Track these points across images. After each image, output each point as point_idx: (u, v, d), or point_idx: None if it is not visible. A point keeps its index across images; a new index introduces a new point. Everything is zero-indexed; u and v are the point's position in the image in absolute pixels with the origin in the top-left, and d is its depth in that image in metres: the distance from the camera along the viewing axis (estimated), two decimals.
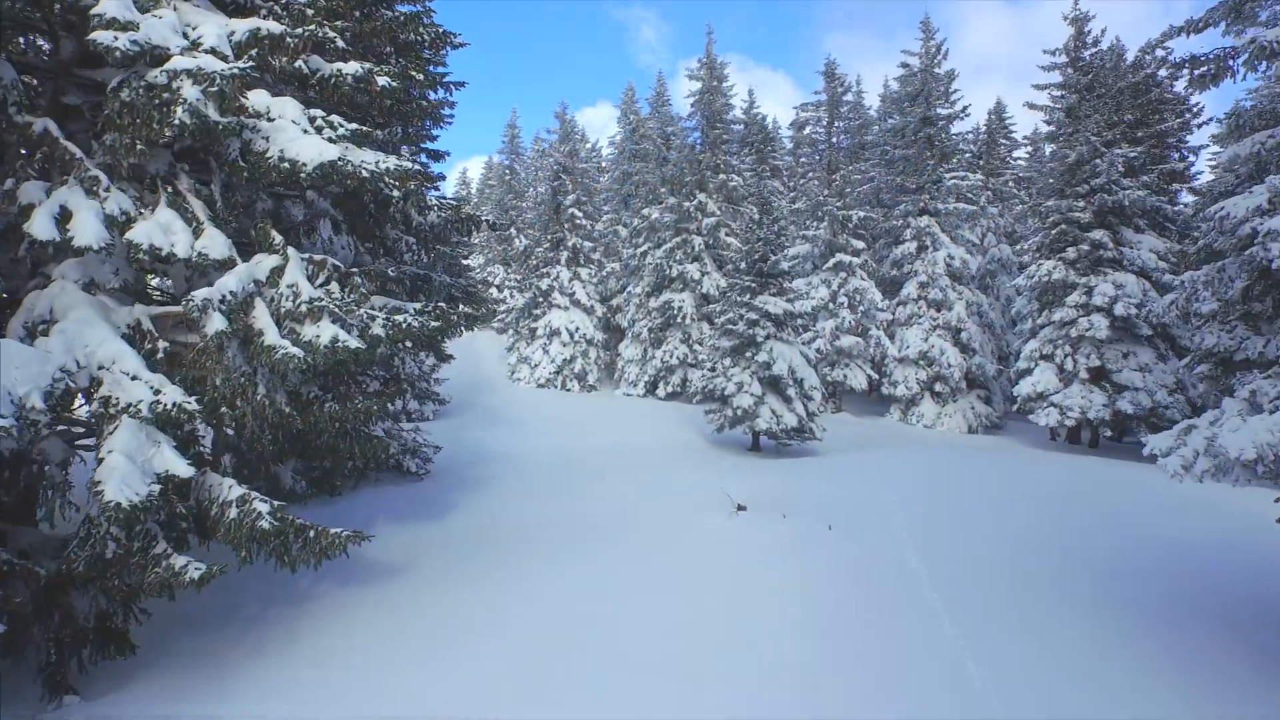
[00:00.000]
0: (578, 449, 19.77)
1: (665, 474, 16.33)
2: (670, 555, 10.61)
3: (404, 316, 9.43)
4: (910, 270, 31.37)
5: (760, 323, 20.10)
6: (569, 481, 15.42)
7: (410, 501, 13.24)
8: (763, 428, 19.60)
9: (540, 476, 15.83)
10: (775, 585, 9.45)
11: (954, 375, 29.25)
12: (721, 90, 34.68)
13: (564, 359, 34.95)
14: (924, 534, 11.82)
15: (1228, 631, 8.62)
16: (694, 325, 32.62)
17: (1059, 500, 14.66)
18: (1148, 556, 11.26)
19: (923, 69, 32.38)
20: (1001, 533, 12.15)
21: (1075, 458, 22.19)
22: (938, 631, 8.28)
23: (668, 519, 12.22)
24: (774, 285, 20.86)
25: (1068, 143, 25.37)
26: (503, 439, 20.79)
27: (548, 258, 36.73)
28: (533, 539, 11.37)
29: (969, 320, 30.00)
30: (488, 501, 13.22)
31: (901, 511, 12.78)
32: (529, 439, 21.12)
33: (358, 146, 9.17)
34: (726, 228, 33.57)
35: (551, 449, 19.53)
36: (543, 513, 12.80)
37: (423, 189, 10.94)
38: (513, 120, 52.18)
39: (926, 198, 31.30)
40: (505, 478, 15.47)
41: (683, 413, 27.69)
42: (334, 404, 9.27)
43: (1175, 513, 13.97)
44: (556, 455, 18.66)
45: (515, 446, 19.62)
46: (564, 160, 37.05)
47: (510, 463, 17.23)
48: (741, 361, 20.52)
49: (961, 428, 29.47)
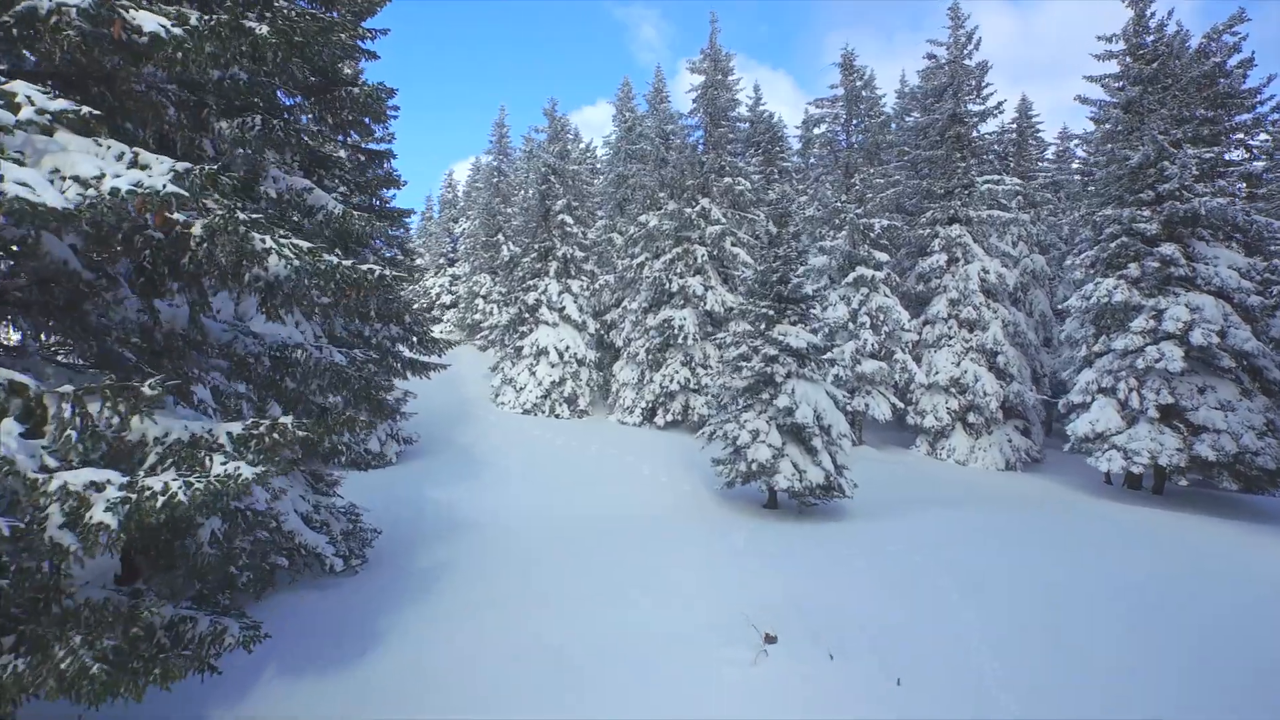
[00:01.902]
0: (560, 512, 16.43)
1: (666, 557, 12.99)
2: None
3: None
4: (939, 285, 28.08)
5: (780, 359, 16.77)
6: (543, 576, 12.08)
7: (324, 625, 9.90)
8: (783, 486, 16.28)
9: (507, 567, 12.49)
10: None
11: (990, 405, 25.97)
12: (727, 84, 31.36)
13: (552, 381, 31.62)
14: (1034, 693, 8.51)
15: None
16: (696, 346, 29.29)
17: (1229, 621, 11.08)
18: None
19: (951, 60, 29.07)
20: (1157, 688, 8.84)
21: (1162, 514, 18.86)
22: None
23: (671, 662, 8.89)
24: (794, 312, 17.53)
25: (1127, 142, 22.07)
26: (472, 497, 17.44)
27: (535, 268, 33.39)
28: (477, 700, 8.06)
29: (1006, 342, 26.71)
30: (429, 626, 9.88)
31: (989, 650, 9.43)
32: (503, 495, 17.76)
33: None
34: (733, 237, 30.25)
35: (528, 512, 16.18)
36: (500, 643, 9.46)
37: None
38: (501, 118, 48.80)
39: (957, 204, 27.99)
40: (461, 572, 12.12)
41: (685, 448, 24.35)
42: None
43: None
44: (533, 524, 15.31)
45: (485, 509, 16.26)
46: (553, 161, 33.70)
47: (473, 541, 13.87)
48: (757, 404, 17.19)
49: (998, 463, 26.18)
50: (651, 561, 12.69)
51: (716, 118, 31.24)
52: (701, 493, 18.76)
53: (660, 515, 16.43)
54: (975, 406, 26.67)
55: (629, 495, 18.10)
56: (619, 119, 39.80)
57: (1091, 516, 18.04)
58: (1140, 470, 19.85)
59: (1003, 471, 25.98)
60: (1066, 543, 14.99)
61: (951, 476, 24.31)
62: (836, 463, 16.99)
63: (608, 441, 25.35)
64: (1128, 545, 15.06)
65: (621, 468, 21.02)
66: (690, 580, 11.82)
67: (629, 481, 19.56)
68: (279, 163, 11.09)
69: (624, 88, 40.60)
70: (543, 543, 13.77)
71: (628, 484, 19.33)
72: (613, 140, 40.67)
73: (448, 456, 22.04)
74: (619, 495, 18.11)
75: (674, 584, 11.64)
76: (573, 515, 16.17)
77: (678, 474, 20.73)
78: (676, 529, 15.34)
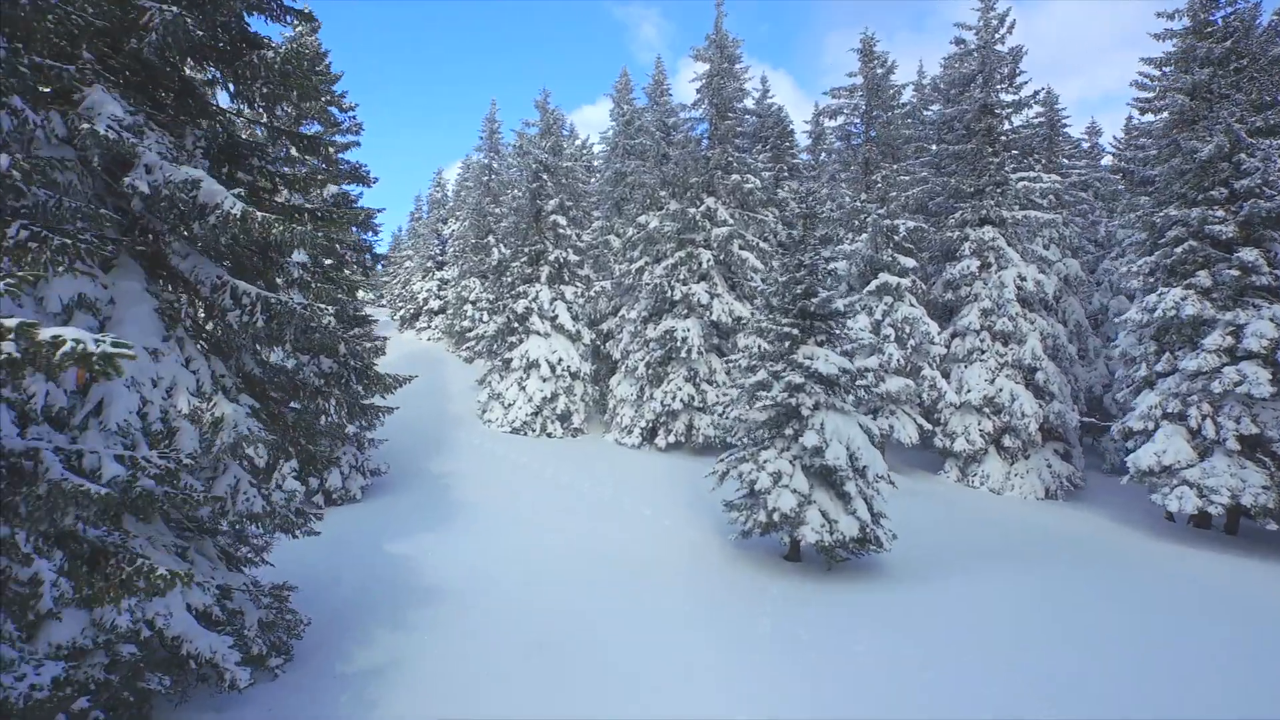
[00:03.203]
0: (542, 568, 13.72)
1: (668, 658, 10.29)
2: None
3: None
4: (969, 293, 25.40)
5: (806, 387, 14.08)
6: (510, 694, 9.38)
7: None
8: (810, 540, 13.59)
9: (464, 667, 9.80)
10: None
11: (1028, 427, 23.30)
12: (734, 73, 28.68)
13: (544, 397, 28.94)
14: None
15: None
16: (701, 360, 26.60)
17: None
18: None
19: (981, 46, 26.39)
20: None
21: (1257, 567, 16.22)
22: None
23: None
24: (822, 330, 14.86)
25: (1193, 132, 19.41)
26: (439, 548, 14.75)
27: (525, 274, 30.71)
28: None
29: (1045, 357, 24.04)
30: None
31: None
32: (476, 544, 15.06)
33: None
34: (741, 239, 27.57)
35: (503, 575, 13.46)
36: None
37: None
38: (492, 113, 46.09)
39: (990, 203, 25.31)
40: (407, 678, 9.42)
41: (691, 478, 21.67)
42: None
43: None
44: (508, 587, 12.63)
45: (450, 571, 13.56)
46: (545, 158, 31.01)
47: (429, 625, 11.15)
48: (778, 440, 14.50)
49: (1036, 491, 23.52)
50: (651, 667, 9.97)
51: (723, 109, 28.55)
52: (711, 542, 16.05)
53: (664, 578, 13.71)
54: (1011, 428, 24.00)
55: (627, 548, 15.37)
56: (617, 112, 37.09)
57: (1177, 576, 15.32)
58: (1219, 510, 17.20)
59: (1042, 501, 23.32)
60: (1165, 628, 12.29)
61: (989, 510, 21.63)
62: (873, 510, 14.30)
63: (603, 470, 22.63)
64: (1208, 588, 12.39)
65: (619, 509, 18.30)
66: (699, 694, 9.12)
67: (628, 526, 16.84)
68: (175, 148, 8.41)
69: (622, 79, 37.89)
70: (513, 632, 11.02)
71: (626, 530, 16.61)
72: (610, 135, 37.95)
73: (420, 492, 19.33)
74: (615, 549, 15.38)
75: (680, 698, 8.95)
76: (555, 569, 13.47)
77: (683, 515, 18.02)
78: (683, 598, 12.65)
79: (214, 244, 8.26)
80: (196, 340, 8.56)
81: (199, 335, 8.58)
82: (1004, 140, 26.07)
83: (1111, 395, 29.08)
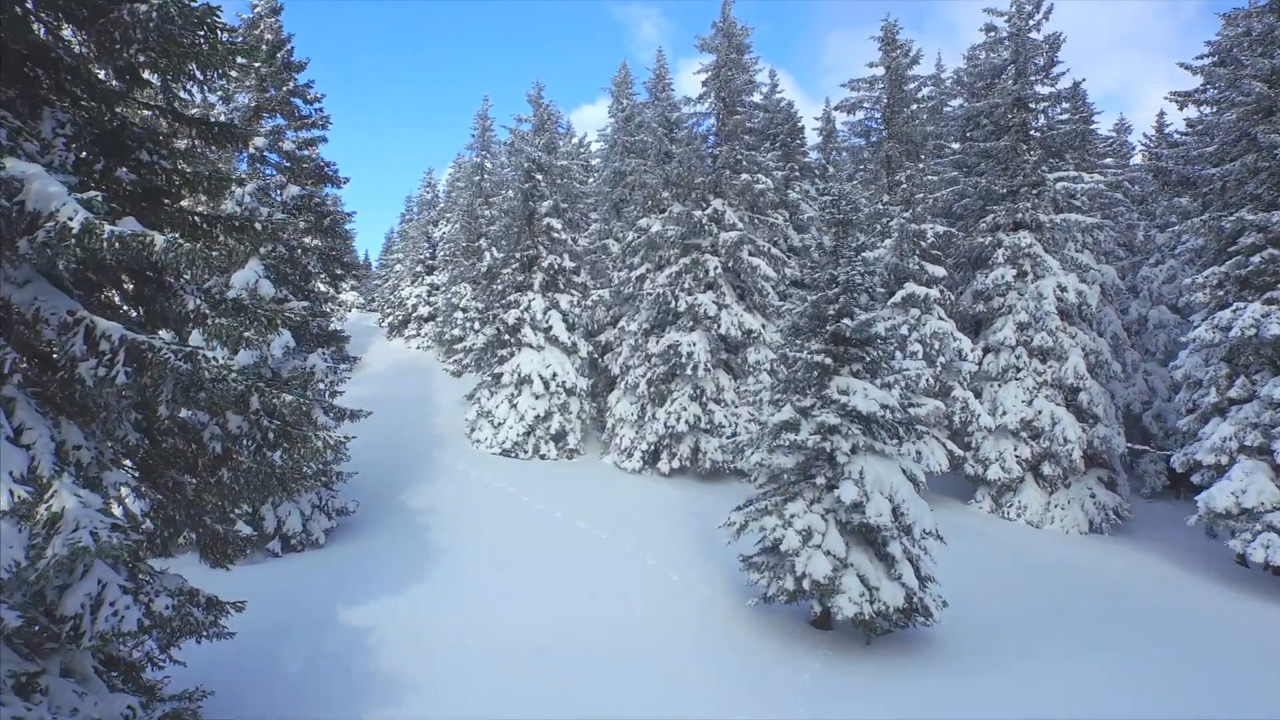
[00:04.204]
0: (521, 659, 11.39)
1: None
2: None
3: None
4: (1003, 305, 23.13)
5: (842, 429, 11.79)
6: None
7: None
8: (848, 613, 11.31)
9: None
10: None
11: (1071, 453, 21.04)
12: (743, 64, 26.40)
13: (536, 415, 26.64)
14: None
15: None
16: (708, 377, 24.31)
17: None
18: None
19: (1013, 33, 24.12)
20: None
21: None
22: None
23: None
24: (858, 357, 12.58)
25: (1270, 125, 17.12)
26: (404, 616, 12.46)
27: (517, 281, 28.41)
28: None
29: (1089, 376, 21.76)
30: None
31: None
32: (447, 614, 12.75)
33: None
34: (751, 245, 25.28)
35: (476, 659, 11.16)
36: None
37: None
38: (484, 110, 43.68)
39: (1026, 206, 23.03)
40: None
41: (698, 510, 19.42)
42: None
43: None
44: (476, 686, 10.33)
45: (418, 644, 11.30)
46: (538, 156, 28.72)
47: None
48: (808, 490, 12.22)
49: (1079, 524, 21.25)
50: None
51: (731, 103, 26.28)
52: (725, 603, 13.74)
53: (671, 662, 11.40)
54: (1051, 455, 21.74)
55: (629, 617, 13.06)
56: (615, 108, 34.79)
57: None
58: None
59: (1086, 536, 21.05)
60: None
61: (1031, 548, 19.37)
62: (920, 574, 12.01)
63: (601, 503, 20.30)
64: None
65: (618, 556, 15.98)
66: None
67: (628, 581, 14.52)
68: (14, 134, 6.12)
69: (621, 73, 35.56)
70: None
71: (627, 586, 14.29)
72: (608, 133, 35.63)
73: (392, 535, 17.03)
74: (612, 611, 13.08)
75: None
76: (539, 640, 11.17)
77: (692, 562, 15.72)
78: (692, 686, 10.36)
79: (51, 266, 5.96)
80: (44, 401, 6.26)
81: (45, 393, 6.28)
82: (1039, 137, 23.80)
83: (1151, 414, 26.86)
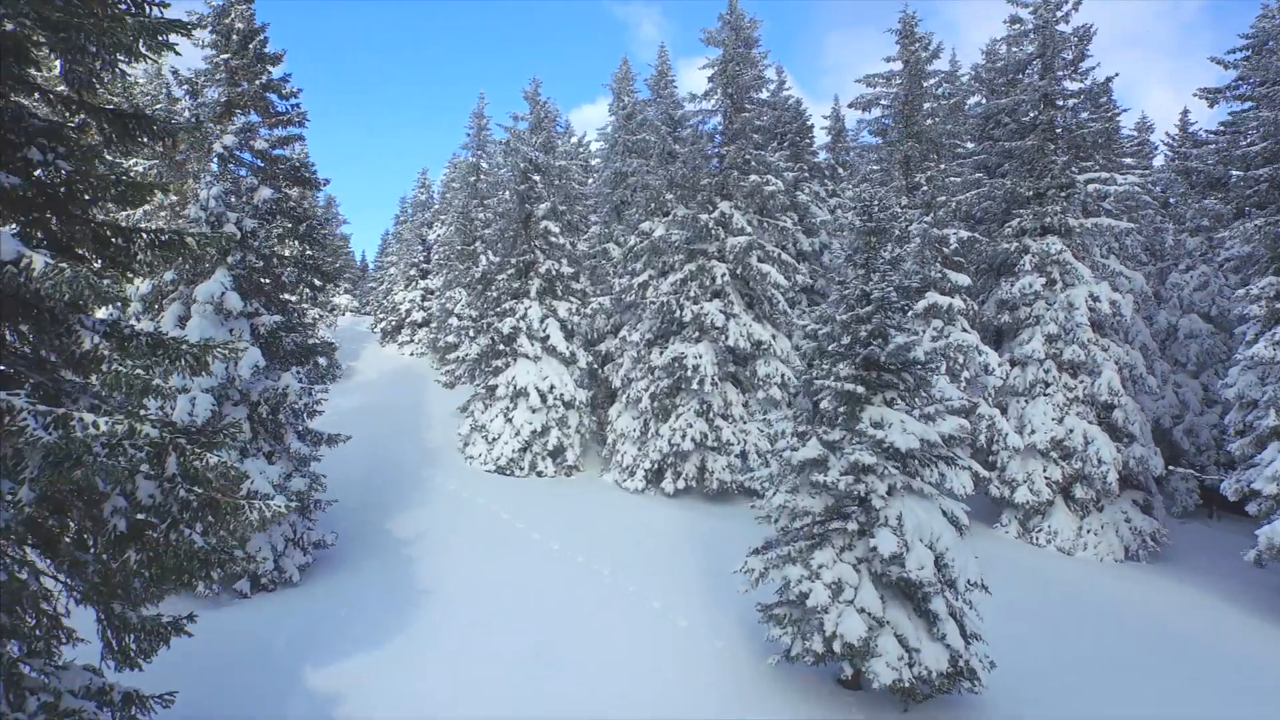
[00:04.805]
0: (512, 711, 9.96)
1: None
2: None
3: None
4: (1030, 315, 21.69)
5: (878, 468, 10.35)
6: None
7: None
8: (885, 679, 9.87)
9: None
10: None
11: (1105, 475, 19.61)
12: (751, 58, 24.95)
13: (533, 430, 25.18)
14: None
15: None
16: (715, 392, 22.85)
17: None
18: None
19: (1040, 25, 22.67)
20: None
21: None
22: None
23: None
24: (893, 384, 11.14)
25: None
26: (376, 681, 11.00)
27: (512, 288, 26.96)
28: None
29: (1123, 392, 20.33)
30: None
31: None
32: (425, 682, 11.30)
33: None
34: (761, 251, 23.82)
35: None
36: None
37: None
38: (480, 108, 42.27)
39: (1055, 209, 21.59)
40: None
41: (706, 538, 18.03)
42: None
43: None
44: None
45: (392, 713, 9.83)
46: (535, 156, 27.27)
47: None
48: (838, 536, 10.78)
49: (1115, 551, 19.85)
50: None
51: (739, 100, 24.83)
52: (740, 657, 12.29)
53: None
54: (1084, 476, 20.32)
55: (633, 669, 11.62)
56: (616, 106, 33.31)
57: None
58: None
59: (1123, 564, 19.64)
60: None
61: (1067, 580, 17.95)
62: (966, 633, 10.55)
63: (602, 530, 18.85)
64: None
65: (621, 598, 14.51)
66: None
67: (634, 632, 13.06)
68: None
69: (622, 69, 34.08)
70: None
71: (632, 635, 12.85)
72: (609, 132, 34.14)
73: (374, 571, 15.57)
74: (617, 673, 11.64)
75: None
76: None
77: (702, 605, 14.26)
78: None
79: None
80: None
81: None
82: (1069, 136, 22.37)
83: (1182, 429, 25.41)
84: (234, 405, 14.28)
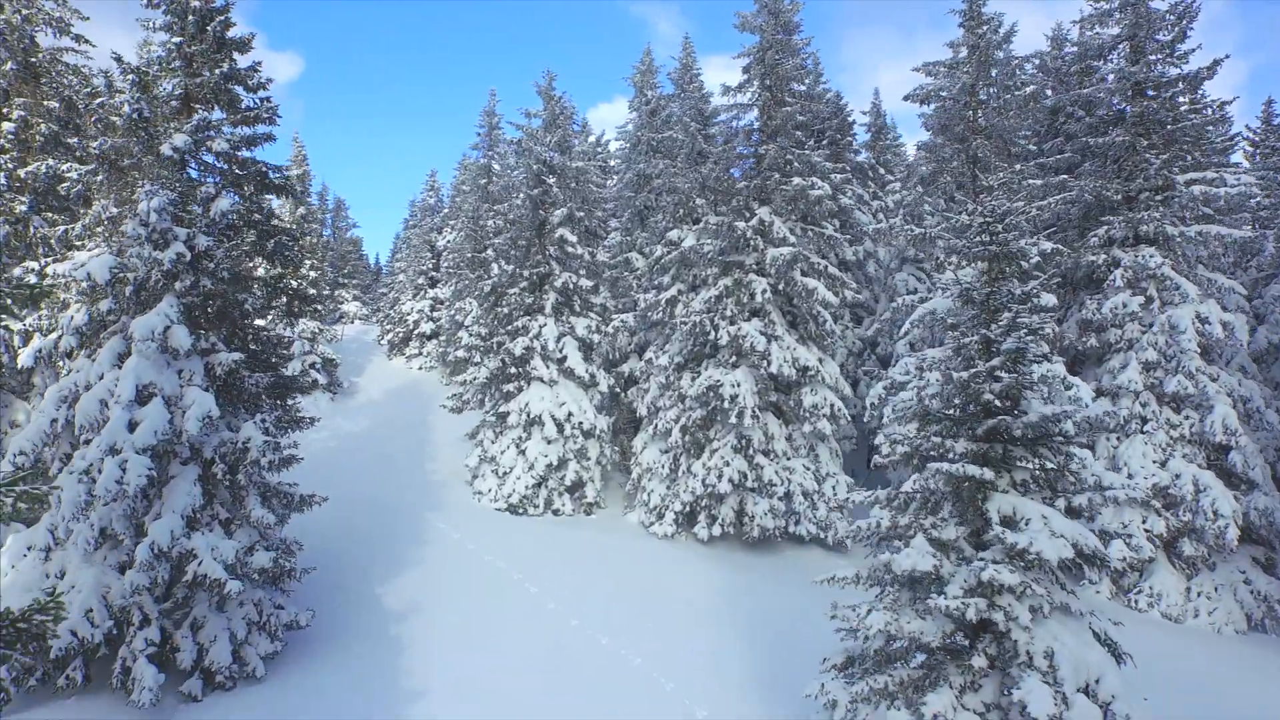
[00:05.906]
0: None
1: None
2: None
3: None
4: (1122, 339, 18.71)
5: (1018, 588, 7.53)
6: None
7: None
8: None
9: None
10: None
11: (1223, 529, 16.57)
12: (791, 45, 22.08)
13: (549, 463, 22.52)
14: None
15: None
16: (756, 425, 20.03)
17: None
18: None
19: (1129, 3, 19.66)
20: None
21: None
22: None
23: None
24: (1025, 465, 8.32)
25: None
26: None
27: (525, 303, 24.31)
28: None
29: (1241, 430, 17.27)
30: None
31: None
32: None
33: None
34: (805, 264, 20.98)
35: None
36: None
37: None
38: (491, 106, 39.70)
39: (1152, 216, 18.57)
40: None
41: (751, 598, 15.27)
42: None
43: None
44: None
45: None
46: (550, 156, 24.62)
47: None
48: (955, 674, 7.96)
49: (1235, 620, 16.84)
50: None
51: (778, 92, 21.97)
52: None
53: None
54: (1193, 530, 17.31)
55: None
56: (639, 101, 30.50)
57: None
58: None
59: (1246, 636, 16.62)
60: None
61: (1182, 655, 14.87)
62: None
63: (628, 595, 16.09)
64: None
65: (655, 700, 11.75)
66: None
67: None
68: None
69: (644, 61, 31.22)
70: None
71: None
72: (630, 130, 31.36)
73: (354, 660, 12.91)
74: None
75: None
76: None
77: (753, 714, 11.46)
78: None
79: None
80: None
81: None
82: (1166, 131, 19.31)
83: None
84: (182, 465, 11.71)
